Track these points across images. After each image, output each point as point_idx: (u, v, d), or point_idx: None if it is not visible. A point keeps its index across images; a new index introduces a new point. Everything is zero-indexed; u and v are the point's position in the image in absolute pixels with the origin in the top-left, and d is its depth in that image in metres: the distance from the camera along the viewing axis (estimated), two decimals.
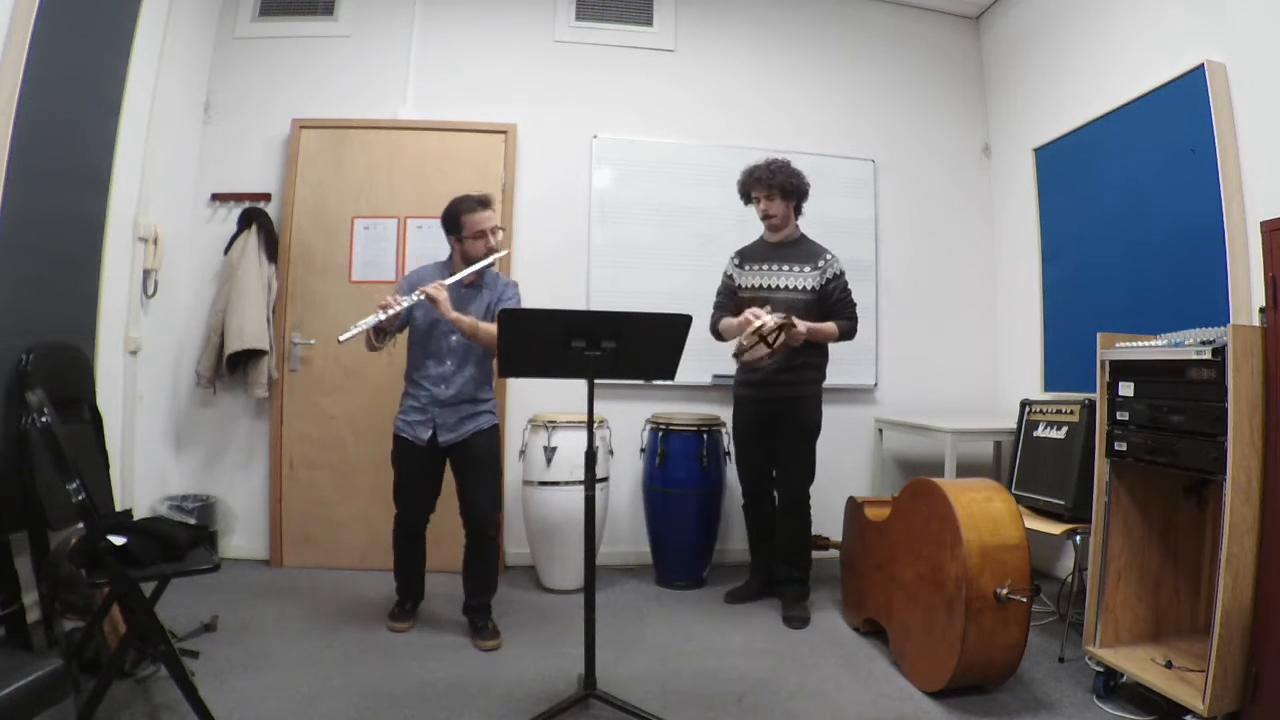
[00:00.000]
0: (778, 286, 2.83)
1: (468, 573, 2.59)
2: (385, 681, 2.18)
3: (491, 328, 2.38)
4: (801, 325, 2.64)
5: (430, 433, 2.51)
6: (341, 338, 2.33)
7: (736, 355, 2.74)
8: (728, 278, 3.01)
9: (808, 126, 3.84)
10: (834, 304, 2.81)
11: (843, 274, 2.84)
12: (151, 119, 3.00)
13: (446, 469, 2.62)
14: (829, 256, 2.84)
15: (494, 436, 2.62)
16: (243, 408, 3.43)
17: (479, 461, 2.55)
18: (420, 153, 3.51)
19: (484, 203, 2.53)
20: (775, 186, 2.82)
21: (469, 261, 2.51)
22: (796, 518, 2.90)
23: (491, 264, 2.53)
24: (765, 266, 2.89)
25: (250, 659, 2.29)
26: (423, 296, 2.37)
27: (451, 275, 2.49)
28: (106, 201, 2.72)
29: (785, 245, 2.89)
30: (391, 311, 2.34)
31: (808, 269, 2.81)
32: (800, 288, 2.81)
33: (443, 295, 2.37)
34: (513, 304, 2.58)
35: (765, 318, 2.58)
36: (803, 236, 2.93)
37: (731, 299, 2.95)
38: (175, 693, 1.80)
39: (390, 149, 3.51)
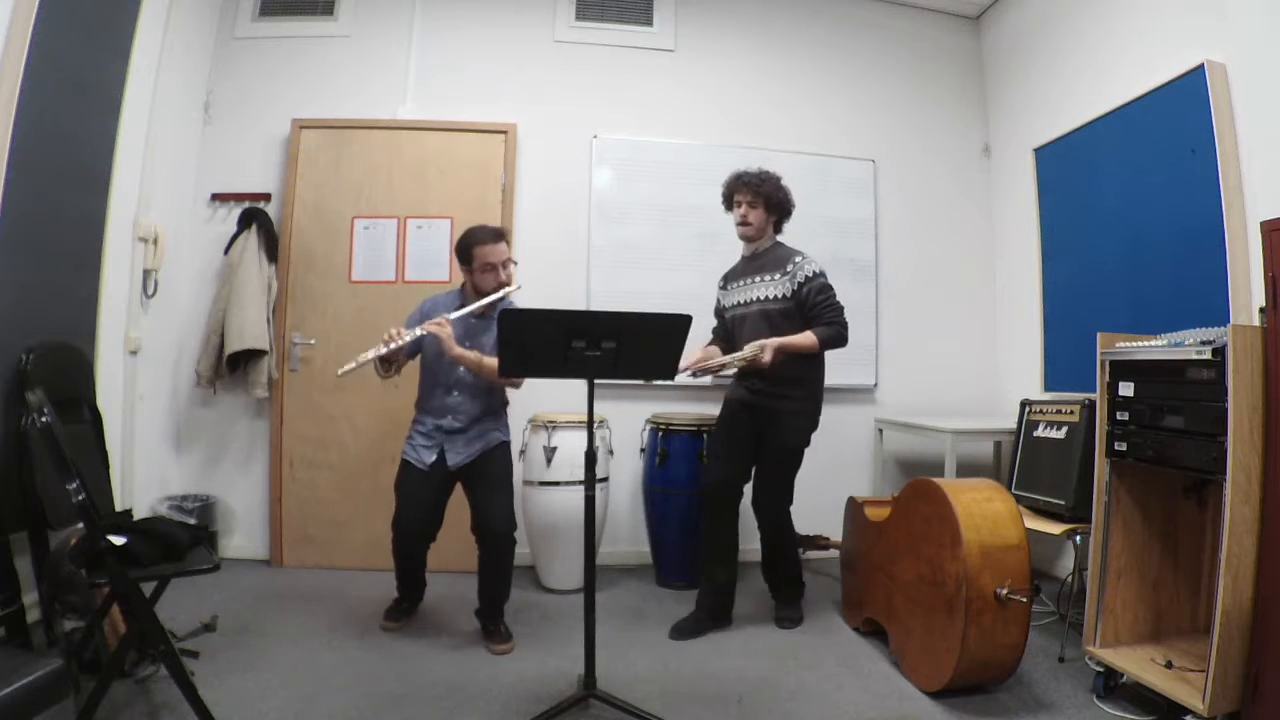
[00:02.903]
0: (751, 300, 2.71)
1: (483, 582, 2.52)
2: (385, 681, 2.18)
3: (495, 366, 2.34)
4: (767, 354, 2.52)
5: (435, 456, 2.50)
6: (340, 371, 2.32)
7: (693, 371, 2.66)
8: (716, 302, 2.95)
9: (808, 126, 3.84)
10: (811, 309, 2.61)
11: (818, 275, 2.63)
12: (151, 119, 3.00)
13: (450, 498, 2.59)
14: (798, 259, 2.65)
15: (505, 452, 2.60)
16: (243, 408, 3.43)
17: (491, 476, 2.52)
18: (420, 153, 3.52)
19: (497, 235, 2.50)
20: (761, 195, 2.69)
21: (479, 293, 2.50)
22: (779, 537, 2.79)
23: (501, 298, 2.48)
24: (741, 282, 2.78)
25: (250, 659, 2.29)
26: (425, 332, 2.36)
27: (462, 306, 2.49)
28: (106, 201, 2.72)
29: (758, 256, 2.76)
30: (395, 345, 2.32)
31: (778, 276, 2.65)
32: (772, 297, 2.65)
33: (446, 332, 2.35)
34: None
35: (731, 358, 2.56)
36: (776, 244, 2.77)
37: (720, 322, 2.90)
38: (175, 693, 1.80)
39: (390, 149, 3.51)
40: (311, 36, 3.61)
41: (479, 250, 2.47)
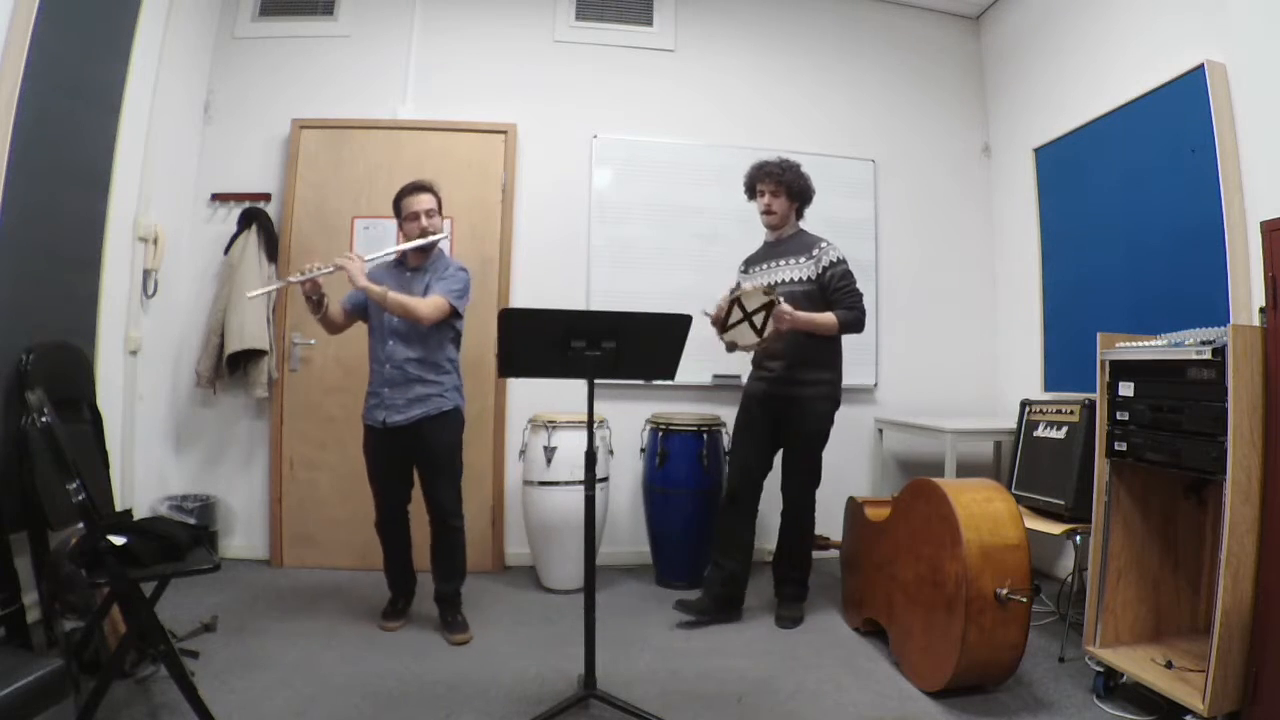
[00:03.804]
0: (777, 282, 2.80)
1: (434, 561, 2.62)
2: (385, 681, 2.18)
3: (401, 297, 2.43)
4: (785, 306, 2.57)
5: (385, 414, 2.53)
6: (250, 294, 2.50)
7: (727, 342, 2.68)
8: (737, 285, 2.95)
9: (808, 126, 3.84)
10: (833, 293, 2.72)
11: (841, 261, 2.75)
12: (151, 119, 3.00)
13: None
14: (823, 245, 2.77)
15: (447, 424, 2.56)
16: (243, 408, 3.43)
17: (435, 455, 2.55)
18: (420, 153, 3.51)
19: (419, 187, 2.58)
20: (783, 184, 2.79)
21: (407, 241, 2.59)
22: (799, 525, 2.84)
23: (423, 245, 2.56)
24: (765, 265, 2.89)
25: (250, 659, 2.29)
26: (333, 266, 2.41)
27: (398, 262, 2.61)
28: (106, 201, 2.72)
29: (782, 242, 2.87)
30: (305, 277, 2.39)
31: (803, 259, 2.77)
32: (798, 279, 2.76)
33: (354, 266, 2.40)
34: (456, 284, 2.54)
35: (745, 285, 2.56)
36: (800, 231, 2.89)
37: None
38: (175, 693, 1.80)
39: (390, 149, 3.51)
40: (311, 36, 3.61)
41: (403, 202, 2.58)
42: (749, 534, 2.84)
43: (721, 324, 2.64)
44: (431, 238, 2.55)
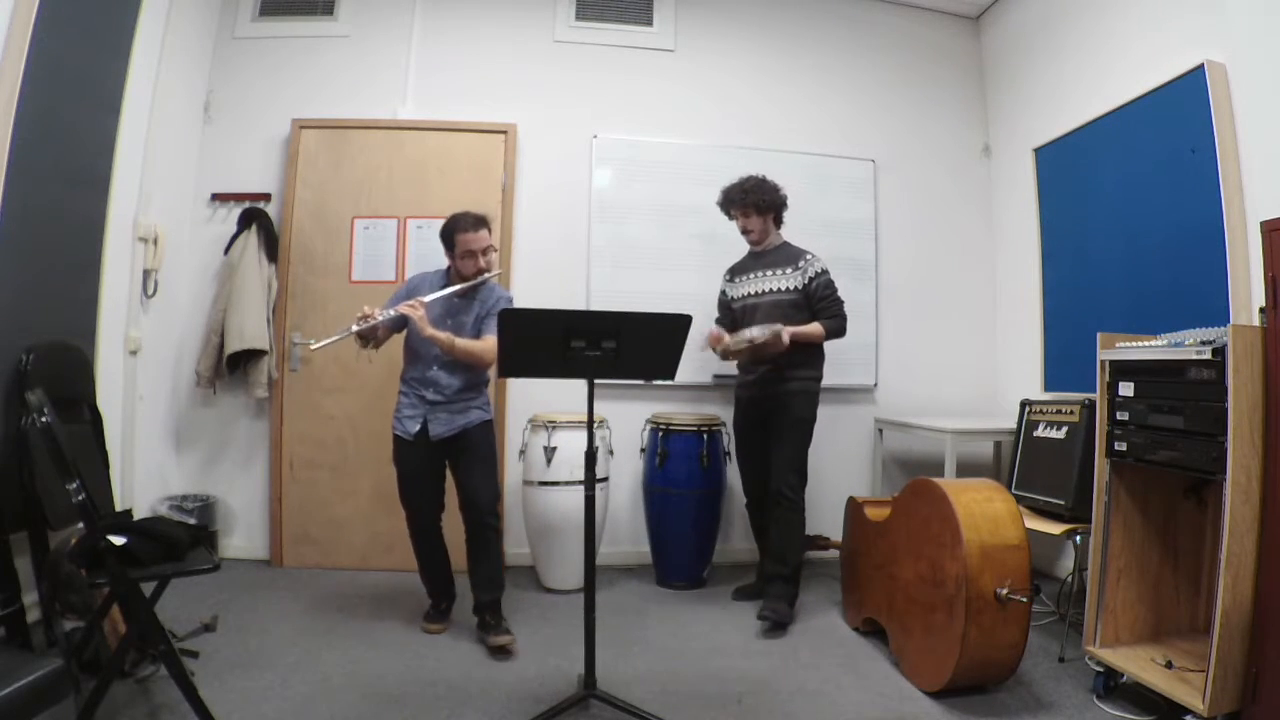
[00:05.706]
0: (764, 291, 2.93)
1: (473, 569, 2.57)
2: (385, 681, 2.18)
3: (469, 344, 2.49)
4: (785, 335, 2.73)
5: (419, 426, 2.54)
6: (314, 345, 2.45)
7: (715, 349, 2.88)
8: (721, 294, 3.15)
9: (807, 126, 3.84)
10: (819, 302, 2.86)
11: (825, 273, 2.89)
12: (151, 119, 3.00)
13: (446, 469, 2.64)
14: (809, 256, 2.91)
15: (488, 430, 2.63)
16: (243, 408, 3.43)
17: (476, 451, 2.57)
18: (420, 153, 3.52)
19: (478, 223, 2.54)
20: (750, 205, 2.92)
21: (461, 277, 2.57)
22: (782, 513, 2.83)
23: (480, 284, 2.57)
24: (751, 275, 3.00)
25: (250, 659, 2.29)
26: (395, 312, 2.45)
27: (445, 286, 2.56)
28: (106, 201, 2.72)
29: (768, 253, 2.99)
30: (370, 323, 2.41)
31: (789, 270, 2.90)
32: (785, 289, 2.89)
33: (419, 314, 2.42)
34: None
35: (754, 332, 2.73)
36: (785, 243, 3.01)
37: (726, 313, 3.09)
38: (175, 693, 1.80)
39: (390, 149, 3.51)
40: (311, 36, 3.61)
41: (460, 237, 2.53)
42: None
43: (727, 354, 2.86)
44: (486, 275, 2.57)
